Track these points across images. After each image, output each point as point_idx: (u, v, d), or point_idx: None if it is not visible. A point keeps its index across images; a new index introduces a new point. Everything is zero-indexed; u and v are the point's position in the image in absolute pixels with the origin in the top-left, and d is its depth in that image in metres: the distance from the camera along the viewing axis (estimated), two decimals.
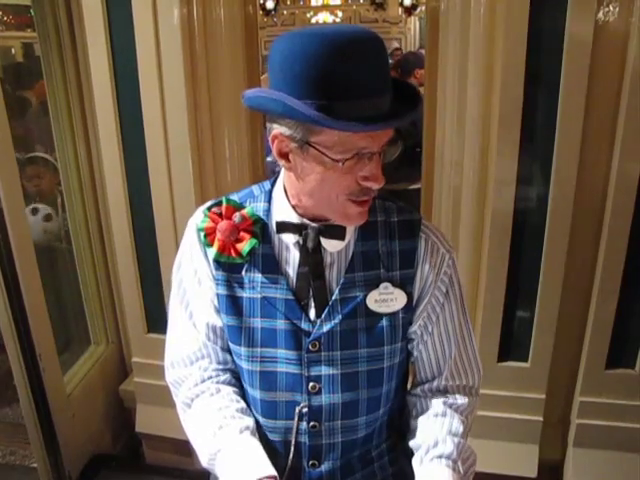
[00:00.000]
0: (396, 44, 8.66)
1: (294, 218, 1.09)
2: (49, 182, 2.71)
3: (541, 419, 2.24)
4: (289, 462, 1.15)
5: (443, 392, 1.20)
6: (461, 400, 1.18)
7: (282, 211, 1.10)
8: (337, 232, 1.07)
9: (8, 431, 2.98)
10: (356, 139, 0.93)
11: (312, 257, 1.09)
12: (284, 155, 1.01)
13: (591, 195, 1.98)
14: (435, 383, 1.20)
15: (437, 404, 1.17)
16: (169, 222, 2.24)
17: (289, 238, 1.10)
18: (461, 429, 1.14)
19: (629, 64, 1.80)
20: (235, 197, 1.16)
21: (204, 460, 1.10)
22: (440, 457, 1.08)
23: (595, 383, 2.17)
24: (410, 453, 1.28)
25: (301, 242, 1.09)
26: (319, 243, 1.08)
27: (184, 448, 2.48)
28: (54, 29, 2.38)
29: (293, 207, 1.09)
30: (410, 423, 1.22)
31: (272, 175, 1.18)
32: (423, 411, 1.19)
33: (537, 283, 2.08)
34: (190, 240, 1.17)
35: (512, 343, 2.21)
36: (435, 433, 1.12)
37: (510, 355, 2.22)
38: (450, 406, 1.16)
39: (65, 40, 2.40)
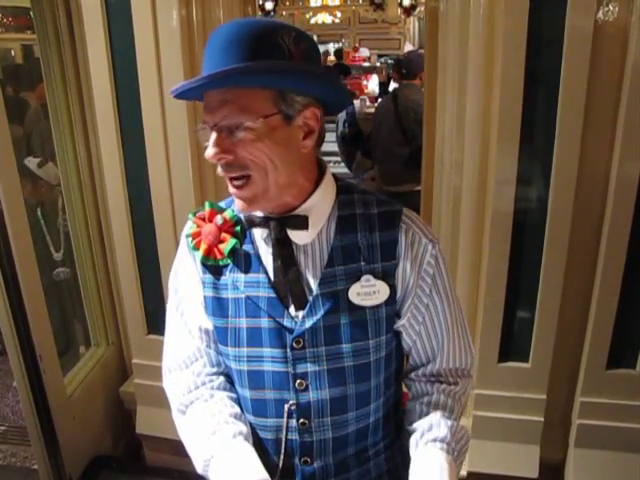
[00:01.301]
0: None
1: (260, 212, 1.11)
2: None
3: (542, 419, 2.24)
4: (281, 460, 1.16)
5: (436, 376, 1.22)
6: (454, 383, 1.21)
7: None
8: (298, 222, 1.08)
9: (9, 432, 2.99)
10: (204, 113, 1.00)
11: (281, 249, 1.10)
12: None
13: (591, 195, 1.98)
14: (429, 368, 1.22)
15: (431, 389, 1.20)
16: (169, 223, 2.24)
17: (259, 233, 1.12)
18: (454, 412, 1.16)
19: (629, 63, 1.80)
20: (222, 203, 1.19)
21: (199, 467, 1.11)
22: (434, 440, 1.10)
23: (596, 383, 2.16)
24: (406, 450, 1.29)
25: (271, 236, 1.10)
26: (286, 235, 1.09)
27: (184, 449, 2.48)
28: (53, 31, 2.39)
29: None
30: (407, 405, 1.24)
31: None
32: (417, 395, 1.22)
33: (538, 283, 2.08)
34: (183, 248, 1.20)
35: (513, 343, 2.20)
36: (429, 417, 1.14)
37: (511, 355, 2.22)
38: (443, 391, 1.18)
39: (65, 42, 2.41)
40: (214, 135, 0.97)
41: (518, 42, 1.82)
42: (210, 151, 0.98)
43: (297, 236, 1.09)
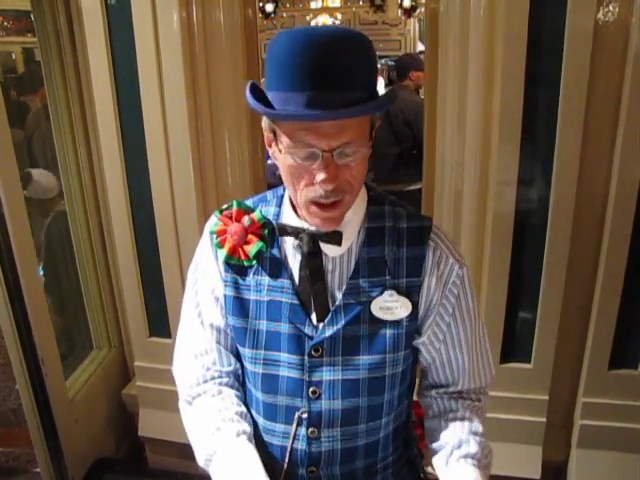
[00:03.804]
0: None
1: (294, 221, 1.10)
2: None
3: (544, 420, 2.23)
4: (285, 466, 1.15)
5: (459, 393, 1.21)
6: (477, 400, 1.21)
7: (287, 214, 1.12)
8: (333, 237, 1.07)
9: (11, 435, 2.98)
10: (299, 134, 0.93)
11: (311, 261, 1.09)
12: (270, 145, 1.04)
13: (592, 195, 1.98)
14: (451, 389, 1.21)
15: (455, 405, 1.18)
16: (170, 226, 2.24)
17: (289, 240, 1.11)
18: (480, 428, 1.15)
19: (629, 64, 1.80)
20: (249, 202, 1.17)
21: (201, 460, 1.11)
22: (466, 457, 1.09)
23: (598, 384, 2.16)
24: (413, 463, 1.29)
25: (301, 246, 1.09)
26: (319, 247, 1.08)
27: (187, 452, 2.47)
28: (54, 34, 2.39)
29: (294, 209, 1.10)
30: (427, 422, 1.23)
31: (273, 178, 1.19)
32: (441, 412, 1.20)
33: (539, 284, 2.07)
34: (206, 243, 1.19)
35: (514, 344, 2.20)
36: (457, 434, 1.13)
37: (513, 356, 2.22)
38: (468, 407, 1.18)
39: (65, 45, 2.41)
40: (324, 160, 0.93)
41: (518, 43, 1.82)
42: (323, 176, 0.94)
43: (329, 248, 1.09)
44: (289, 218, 1.11)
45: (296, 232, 1.08)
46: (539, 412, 2.23)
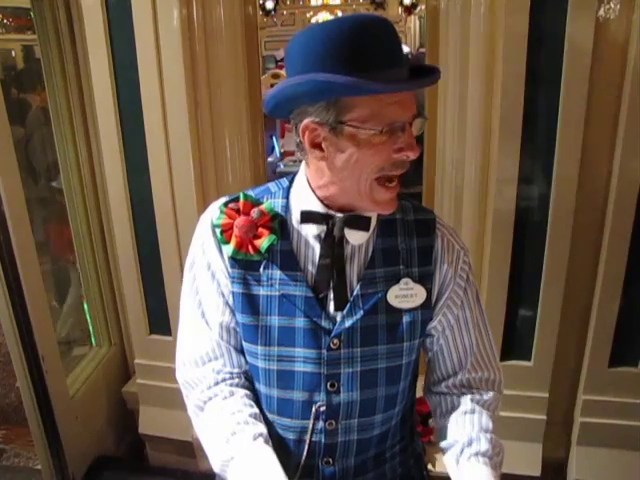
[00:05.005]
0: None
1: (320, 209, 1.08)
2: None
3: (544, 418, 2.24)
4: (302, 460, 1.15)
5: (467, 387, 1.20)
6: (487, 395, 1.19)
7: (306, 203, 1.09)
8: (362, 223, 1.08)
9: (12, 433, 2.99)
10: (387, 110, 0.94)
11: (334, 249, 1.08)
12: (317, 145, 1.01)
13: (593, 194, 1.98)
14: (459, 377, 1.20)
15: (464, 401, 1.17)
16: (170, 223, 2.24)
17: (312, 230, 1.09)
18: (491, 425, 1.14)
19: (630, 62, 1.80)
20: (251, 193, 1.14)
21: (216, 466, 1.09)
22: (477, 455, 1.09)
23: (598, 381, 2.16)
24: (419, 456, 1.29)
25: (322, 234, 1.08)
26: (343, 235, 1.08)
27: (187, 449, 2.48)
28: (54, 31, 2.39)
29: (319, 199, 1.08)
30: (436, 422, 1.23)
31: (273, 175, 1.18)
32: (449, 409, 1.19)
33: (539, 282, 2.08)
34: (204, 237, 1.15)
35: (515, 342, 2.21)
36: (467, 431, 1.13)
37: (513, 354, 2.22)
38: (477, 402, 1.17)
39: (65, 42, 2.41)
40: (408, 131, 0.98)
41: (519, 40, 1.81)
42: (411, 144, 0.98)
43: (353, 236, 1.09)
44: (310, 206, 1.09)
45: (326, 218, 1.07)
46: (539, 409, 2.23)
